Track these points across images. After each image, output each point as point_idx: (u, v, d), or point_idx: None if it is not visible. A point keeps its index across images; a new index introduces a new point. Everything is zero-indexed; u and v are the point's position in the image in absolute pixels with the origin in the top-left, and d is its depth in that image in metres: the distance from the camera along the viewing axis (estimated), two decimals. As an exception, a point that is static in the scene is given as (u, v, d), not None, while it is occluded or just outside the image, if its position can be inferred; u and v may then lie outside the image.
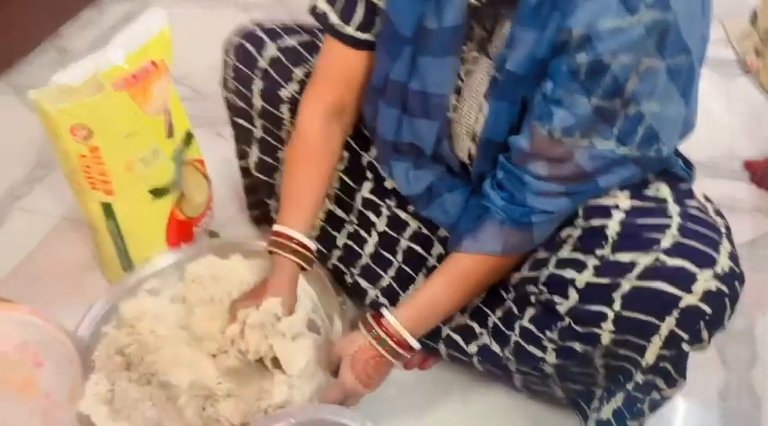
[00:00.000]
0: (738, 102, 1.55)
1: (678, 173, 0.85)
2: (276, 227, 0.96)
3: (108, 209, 1.09)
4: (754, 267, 1.20)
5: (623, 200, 0.78)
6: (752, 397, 1.02)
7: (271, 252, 0.96)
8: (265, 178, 1.11)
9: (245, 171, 1.18)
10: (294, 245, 0.93)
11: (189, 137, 1.21)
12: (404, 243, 1.02)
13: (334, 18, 0.91)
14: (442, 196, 0.95)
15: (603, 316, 0.73)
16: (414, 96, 0.87)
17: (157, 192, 1.12)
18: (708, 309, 0.70)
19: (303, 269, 0.96)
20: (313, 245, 0.96)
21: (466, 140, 0.88)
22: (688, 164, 0.93)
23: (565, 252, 0.79)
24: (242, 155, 1.16)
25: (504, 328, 0.89)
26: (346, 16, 0.90)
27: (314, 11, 0.93)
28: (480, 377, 1.03)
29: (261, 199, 1.19)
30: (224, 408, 0.95)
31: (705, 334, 0.72)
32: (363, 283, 1.05)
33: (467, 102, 0.86)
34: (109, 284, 1.20)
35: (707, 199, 0.85)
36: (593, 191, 0.79)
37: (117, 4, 1.98)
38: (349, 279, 1.07)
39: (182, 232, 1.20)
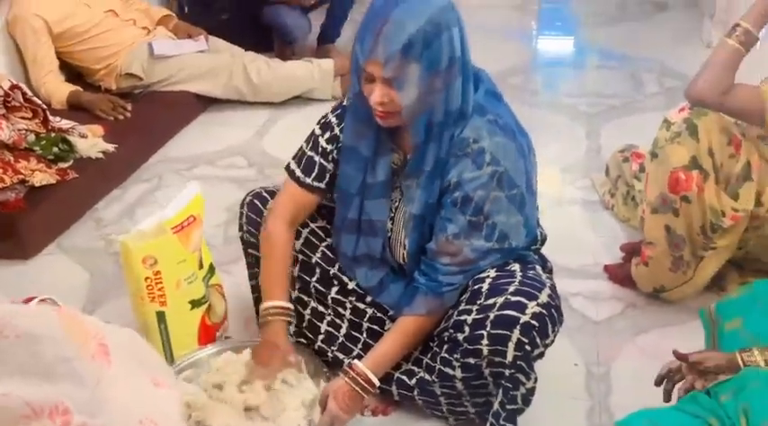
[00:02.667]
0: (602, 227, 2.13)
1: (530, 261, 1.38)
2: (263, 306, 1.43)
3: (161, 316, 1.56)
4: (610, 334, 1.72)
5: (492, 273, 1.31)
6: (608, 415, 1.48)
7: (264, 325, 1.42)
8: (270, 288, 1.60)
9: (254, 287, 1.66)
10: (280, 310, 1.40)
11: (212, 268, 1.72)
12: (365, 324, 1.51)
13: (298, 172, 1.46)
14: (389, 286, 1.46)
15: (482, 336, 1.22)
16: (365, 224, 1.41)
17: (194, 303, 1.60)
18: (536, 323, 1.20)
19: (289, 323, 1.41)
20: (291, 307, 1.43)
21: (399, 248, 1.41)
22: (544, 260, 1.48)
23: (461, 306, 1.30)
24: (253, 277, 1.65)
25: (431, 362, 1.36)
26: (306, 171, 1.46)
27: (287, 167, 1.49)
28: (423, 418, 1.48)
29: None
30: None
31: (537, 340, 1.21)
32: (341, 355, 1.52)
33: (397, 225, 1.41)
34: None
35: (549, 273, 1.39)
36: (477, 270, 1.31)
37: (136, 185, 2.53)
38: (330, 355, 1.53)
39: (208, 334, 1.66)
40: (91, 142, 2.46)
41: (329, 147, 1.44)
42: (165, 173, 2.61)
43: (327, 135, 1.44)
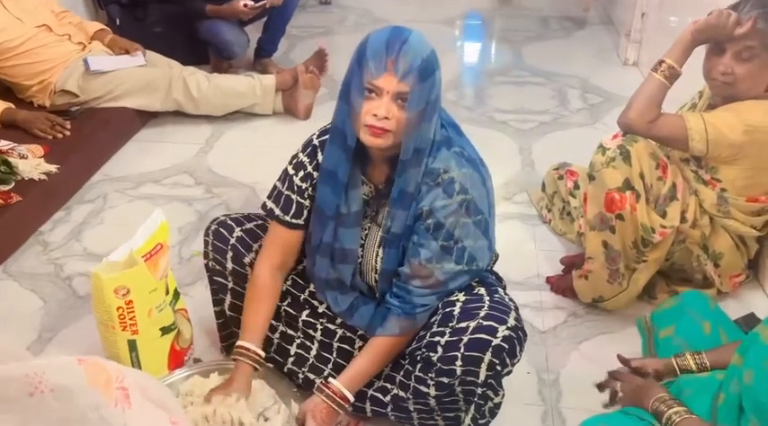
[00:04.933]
0: (541, 241, 2.29)
1: (490, 282, 1.50)
2: (239, 343, 1.48)
3: (132, 344, 1.58)
4: (556, 342, 1.86)
5: (461, 297, 1.41)
6: (560, 418, 1.63)
7: (234, 360, 1.48)
8: (236, 315, 1.63)
9: (219, 313, 1.69)
10: (250, 354, 1.46)
11: (177, 294, 1.75)
12: (335, 344, 1.59)
13: (277, 211, 1.52)
14: (360, 309, 1.53)
15: (456, 357, 1.32)
16: (337, 251, 1.48)
17: (164, 330, 1.63)
18: (506, 345, 1.31)
19: (256, 369, 1.47)
20: (263, 353, 1.48)
21: (370, 273, 1.50)
22: (499, 279, 1.60)
23: (434, 328, 1.39)
24: (218, 303, 1.68)
25: (405, 380, 1.45)
26: (285, 210, 1.51)
27: (264, 206, 1.54)
28: (394, 430, 1.57)
29: (231, 332, 1.71)
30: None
31: (507, 361, 1.33)
32: (311, 376, 1.59)
33: (368, 251, 1.49)
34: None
35: (505, 293, 1.51)
36: (447, 291, 1.41)
37: (80, 206, 2.50)
38: (301, 376, 1.60)
39: (177, 359, 1.69)
40: (32, 163, 2.42)
41: (304, 185, 1.50)
42: (109, 192, 2.59)
43: (301, 174, 1.50)
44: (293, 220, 1.51)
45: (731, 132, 1.74)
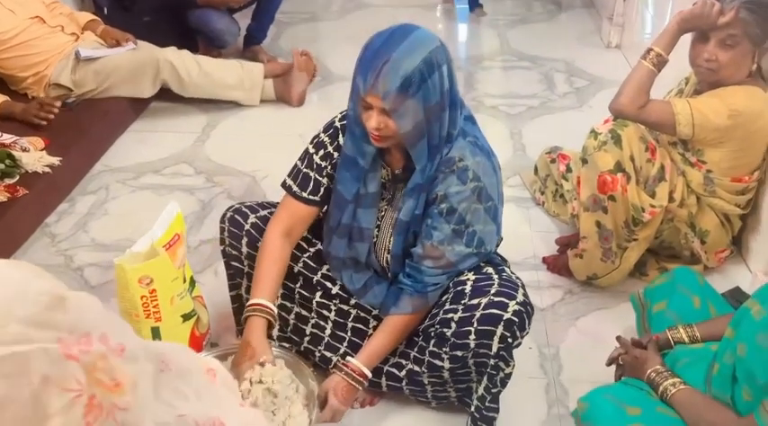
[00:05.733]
0: (536, 222, 2.38)
1: (497, 262, 1.59)
2: (250, 301, 1.53)
3: (156, 332, 1.65)
4: (555, 319, 1.96)
5: (471, 276, 1.50)
6: (562, 389, 1.73)
7: (246, 319, 1.51)
8: (252, 298, 1.72)
9: (235, 298, 1.76)
10: (263, 308, 1.50)
11: (193, 281, 1.82)
12: (350, 324, 1.68)
13: (295, 188, 1.59)
14: (373, 288, 1.62)
15: (469, 331, 1.42)
16: (355, 230, 1.56)
17: (185, 317, 1.70)
18: (516, 319, 1.41)
19: (270, 325, 1.51)
20: (275, 309, 1.53)
21: (383, 253, 1.58)
22: (504, 260, 1.69)
23: (446, 306, 1.48)
24: (234, 287, 1.75)
25: (419, 355, 1.55)
26: (302, 187, 1.59)
27: (284, 184, 1.61)
28: (408, 405, 1.67)
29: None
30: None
31: (517, 333, 1.42)
32: (328, 354, 1.67)
33: (382, 232, 1.57)
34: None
35: (511, 272, 1.60)
36: (457, 272, 1.50)
37: (83, 197, 2.54)
38: (317, 354, 1.69)
39: (197, 344, 1.76)
40: (35, 156, 2.45)
41: (323, 164, 1.57)
42: (111, 183, 2.63)
43: (321, 153, 1.58)
44: (310, 196, 1.58)
45: (716, 117, 1.84)
